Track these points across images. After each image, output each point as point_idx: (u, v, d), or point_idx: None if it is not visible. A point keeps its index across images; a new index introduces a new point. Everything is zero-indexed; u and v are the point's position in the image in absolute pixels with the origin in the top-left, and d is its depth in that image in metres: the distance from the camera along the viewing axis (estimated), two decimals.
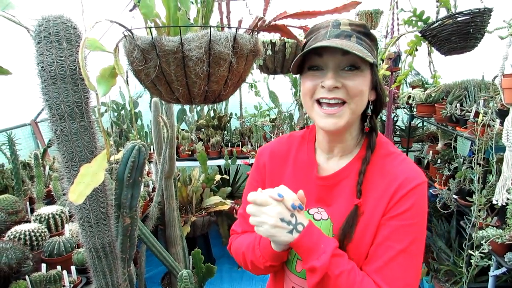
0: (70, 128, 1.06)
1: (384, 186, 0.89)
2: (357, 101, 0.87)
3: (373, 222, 0.88)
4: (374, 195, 0.89)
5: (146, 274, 2.98)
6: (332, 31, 0.87)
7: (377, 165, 0.92)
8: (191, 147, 3.73)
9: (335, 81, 0.85)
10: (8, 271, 1.45)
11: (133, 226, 1.55)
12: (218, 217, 3.64)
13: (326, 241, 0.85)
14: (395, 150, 0.96)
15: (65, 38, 1.02)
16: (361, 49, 0.83)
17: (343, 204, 0.93)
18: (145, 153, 1.42)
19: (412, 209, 0.85)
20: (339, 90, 0.86)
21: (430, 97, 2.87)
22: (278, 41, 2.25)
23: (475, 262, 2.04)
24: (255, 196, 0.84)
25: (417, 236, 0.86)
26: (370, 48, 0.88)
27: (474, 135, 2.09)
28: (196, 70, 0.88)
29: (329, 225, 0.93)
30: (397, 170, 0.89)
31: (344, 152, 0.98)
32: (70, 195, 0.86)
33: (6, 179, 2.33)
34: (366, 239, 0.88)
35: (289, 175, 1.03)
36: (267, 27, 1.02)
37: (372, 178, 0.91)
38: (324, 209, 0.96)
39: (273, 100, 4.01)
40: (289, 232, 0.83)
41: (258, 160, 1.12)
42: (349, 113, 0.87)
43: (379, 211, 0.88)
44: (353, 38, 0.86)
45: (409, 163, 0.92)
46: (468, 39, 1.66)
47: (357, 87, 0.86)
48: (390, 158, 0.93)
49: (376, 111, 0.96)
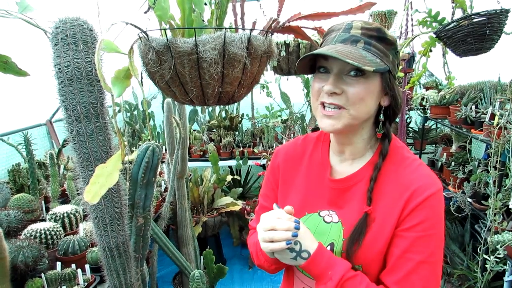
0: (86, 129, 1.08)
1: (397, 193, 0.87)
2: (357, 108, 0.85)
3: (384, 230, 0.87)
4: (386, 202, 0.88)
5: (158, 273, 3.01)
6: (340, 35, 0.86)
7: (390, 172, 0.91)
8: (202, 148, 3.75)
9: (333, 87, 0.85)
10: (25, 269, 1.48)
11: (146, 226, 1.56)
12: (229, 218, 3.65)
13: (335, 266, 0.85)
14: (410, 155, 0.94)
15: (82, 40, 1.03)
16: (363, 56, 0.81)
17: (355, 208, 0.92)
18: (159, 153, 1.43)
19: (428, 220, 0.84)
20: (338, 96, 0.85)
21: (444, 98, 2.83)
22: (292, 42, 2.24)
23: (490, 267, 2.01)
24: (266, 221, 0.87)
25: (436, 247, 0.85)
26: (381, 54, 0.85)
27: (489, 138, 2.06)
28: (210, 72, 0.89)
29: (340, 228, 0.93)
30: (410, 178, 0.88)
31: (355, 155, 0.96)
32: (86, 195, 0.87)
33: (22, 178, 2.37)
34: (376, 246, 0.87)
35: (302, 176, 1.04)
36: (281, 29, 1.02)
37: (384, 184, 0.90)
38: (335, 212, 0.96)
39: (285, 101, 4.00)
40: (293, 258, 0.86)
41: (273, 160, 1.12)
42: (347, 118, 0.86)
43: (391, 219, 0.87)
44: (360, 44, 0.84)
45: (424, 169, 0.90)
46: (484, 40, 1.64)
47: (357, 94, 0.84)
48: (404, 164, 0.91)
49: (389, 117, 0.94)
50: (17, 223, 1.76)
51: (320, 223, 0.96)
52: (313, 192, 1.00)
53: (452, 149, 3.12)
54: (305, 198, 1.00)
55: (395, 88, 0.90)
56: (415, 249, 0.84)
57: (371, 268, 0.89)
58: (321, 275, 0.85)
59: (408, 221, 0.85)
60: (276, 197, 1.08)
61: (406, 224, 0.85)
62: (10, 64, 1.08)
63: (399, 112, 0.94)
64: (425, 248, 0.84)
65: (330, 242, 0.93)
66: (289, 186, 1.05)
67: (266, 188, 1.12)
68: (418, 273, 0.83)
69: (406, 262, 0.84)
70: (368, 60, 0.81)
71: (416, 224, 0.84)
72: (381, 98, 0.90)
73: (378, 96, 0.89)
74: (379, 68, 0.81)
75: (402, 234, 0.85)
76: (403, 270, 0.84)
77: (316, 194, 0.99)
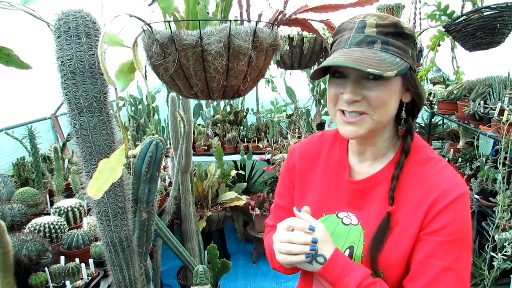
0: (88, 123, 1.07)
1: (420, 195, 0.83)
2: (381, 112, 0.81)
3: (407, 233, 0.83)
4: (409, 204, 0.84)
5: (162, 268, 3.01)
6: (354, 37, 0.81)
7: (413, 172, 0.86)
8: (207, 142, 3.74)
9: (354, 94, 0.80)
10: (28, 263, 1.47)
11: (150, 220, 1.55)
12: (234, 213, 3.64)
13: (352, 272, 0.82)
14: (434, 155, 0.88)
15: (85, 33, 1.02)
16: (382, 60, 0.76)
17: (375, 210, 0.88)
18: (163, 148, 1.42)
19: (453, 223, 0.79)
20: (359, 102, 0.81)
21: (452, 94, 2.79)
22: (296, 36, 2.22)
23: (497, 265, 1.98)
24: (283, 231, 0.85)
25: (461, 252, 0.80)
26: (400, 51, 0.80)
27: (498, 134, 2.03)
28: (215, 65, 0.87)
29: (360, 231, 0.89)
30: (435, 179, 0.83)
31: (376, 155, 0.92)
32: (89, 190, 0.86)
33: (26, 172, 2.38)
34: (399, 250, 0.83)
35: (319, 176, 1.00)
36: (287, 21, 1.00)
37: (408, 186, 0.86)
38: (354, 214, 0.92)
39: (290, 96, 3.98)
40: (309, 262, 0.84)
41: (289, 159, 1.08)
42: (370, 123, 0.82)
43: (415, 222, 0.82)
44: (377, 45, 0.79)
45: (449, 171, 0.85)
46: (495, 34, 1.61)
47: (379, 99, 0.80)
48: (429, 165, 0.86)
49: (412, 113, 0.89)
50: (21, 217, 1.76)
51: (338, 225, 0.92)
52: (331, 193, 0.96)
53: (459, 145, 3.09)
54: (323, 198, 0.97)
55: (417, 83, 0.85)
56: (439, 255, 0.79)
57: (393, 273, 0.85)
58: (337, 282, 0.82)
59: (432, 224, 0.81)
60: (291, 196, 1.05)
61: (430, 227, 0.81)
62: (12, 56, 1.07)
63: (421, 107, 0.89)
64: (449, 254, 0.79)
65: (349, 245, 0.90)
66: (306, 186, 1.02)
67: (281, 187, 1.09)
68: (441, 280, 0.79)
69: (429, 269, 0.80)
70: (388, 62, 0.77)
71: (440, 228, 0.80)
72: (402, 94, 0.85)
73: (400, 94, 0.84)
74: (401, 70, 0.77)
75: (426, 238, 0.81)
76: (426, 277, 0.80)
77: (334, 195, 0.96)
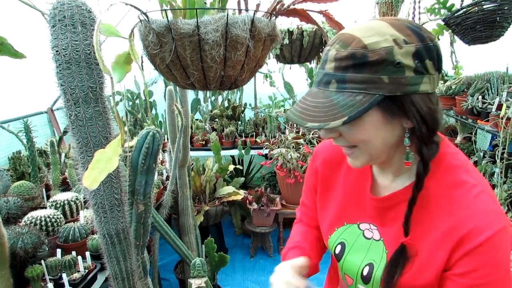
0: (84, 113, 1.05)
1: (447, 227, 0.72)
2: (366, 147, 0.75)
3: (431, 266, 0.74)
4: (434, 234, 0.74)
5: (160, 262, 3.01)
6: (317, 74, 0.74)
7: (442, 197, 0.75)
8: (205, 137, 3.73)
9: (326, 133, 0.76)
10: (24, 256, 1.47)
11: (147, 213, 1.55)
12: (231, 207, 3.64)
13: None
14: (469, 179, 0.74)
15: (80, 22, 1.00)
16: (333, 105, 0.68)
17: (399, 231, 0.79)
18: (160, 139, 1.41)
19: (485, 266, 0.69)
20: (340, 138, 0.77)
21: (450, 89, 2.79)
22: (295, 30, 2.20)
23: None
24: None
25: None
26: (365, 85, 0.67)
27: (496, 128, 2.03)
28: (212, 54, 0.86)
29: (382, 250, 0.84)
30: (464, 213, 0.71)
31: (397, 172, 0.83)
32: (84, 180, 0.85)
33: (23, 165, 2.36)
34: (419, 282, 0.76)
35: (341, 183, 0.96)
36: (285, 11, 0.99)
37: (435, 211, 0.75)
38: (376, 227, 0.86)
39: (288, 91, 3.97)
40: None
41: (312, 162, 1.05)
42: (364, 155, 0.77)
43: (438, 258, 0.73)
44: (332, 85, 0.70)
45: (483, 201, 0.72)
46: (494, 28, 1.60)
47: (354, 137, 0.74)
48: (461, 191, 0.73)
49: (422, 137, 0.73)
50: (17, 210, 1.75)
51: (359, 237, 0.88)
52: (353, 203, 0.92)
53: (457, 140, 3.09)
54: (344, 207, 0.93)
55: (417, 104, 0.69)
56: None
57: None
58: None
59: (459, 266, 0.71)
60: (314, 198, 1.04)
61: (457, 269, 0.71)
62: (6, 45, 1.05)
63: (437, 128, 0.74)
64: None
65: (368, 261, 0.85)
66: (328, 193, 0.99)
67: (306, 186, 1.10)
68: None
69: None
70: (340, 106, 0.67)
71: (470, 271, 0.70)
72: (399, 121, 0.73)
73: (389, 123, 0.72)
74: (358, 112, 0.66)
75: (455, 279, 0.71)
76: None
77: (355, 205, 0.92)
